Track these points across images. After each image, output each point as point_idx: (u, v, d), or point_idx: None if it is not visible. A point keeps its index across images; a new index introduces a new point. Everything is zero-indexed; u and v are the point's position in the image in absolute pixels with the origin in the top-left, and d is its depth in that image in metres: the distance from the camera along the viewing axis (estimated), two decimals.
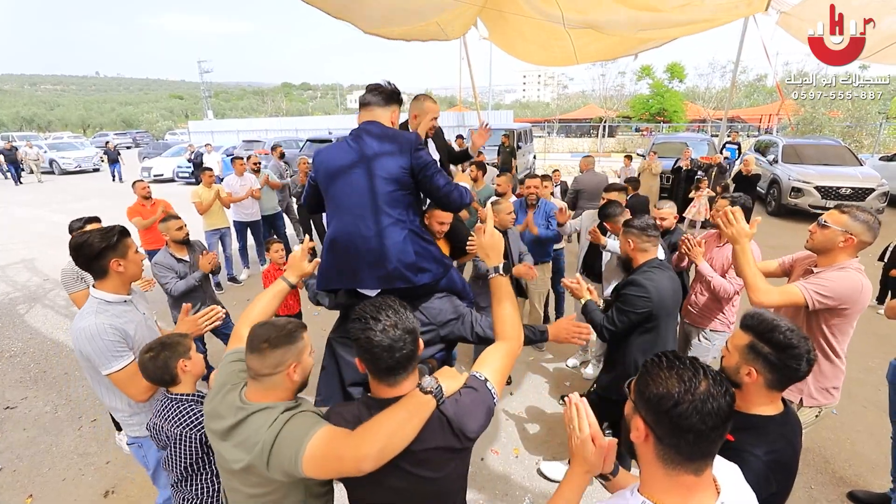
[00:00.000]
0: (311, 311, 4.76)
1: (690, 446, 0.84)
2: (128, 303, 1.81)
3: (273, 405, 1.16)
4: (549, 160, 18.76)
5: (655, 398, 0.86)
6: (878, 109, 16.10)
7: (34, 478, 2.83)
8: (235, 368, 1.29)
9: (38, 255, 7.54)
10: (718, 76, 25.82)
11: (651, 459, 0.88)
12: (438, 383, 1.12)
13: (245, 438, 1.14)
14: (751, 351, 1.27)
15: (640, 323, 2.09)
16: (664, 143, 11.37)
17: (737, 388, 1.33)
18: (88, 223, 2.82)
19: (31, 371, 4.07)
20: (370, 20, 6.13)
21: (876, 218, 1.89)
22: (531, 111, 45.61)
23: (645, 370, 0.92)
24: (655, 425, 0.86)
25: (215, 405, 1.23)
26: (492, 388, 1.18)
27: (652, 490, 0.88)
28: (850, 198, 8.40)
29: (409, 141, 1.75)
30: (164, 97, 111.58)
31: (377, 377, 1.14)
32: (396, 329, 1.08)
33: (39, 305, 5.52)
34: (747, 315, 1.34)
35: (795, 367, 1.23)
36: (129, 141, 38.01)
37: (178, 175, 15.42)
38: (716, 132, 18.25)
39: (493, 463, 2.87)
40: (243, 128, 25.91)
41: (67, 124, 62.15)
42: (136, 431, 1.90)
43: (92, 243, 1.67)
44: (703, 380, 0.85)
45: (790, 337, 1.24)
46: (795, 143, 10.38)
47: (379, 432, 1.03)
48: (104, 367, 1.67)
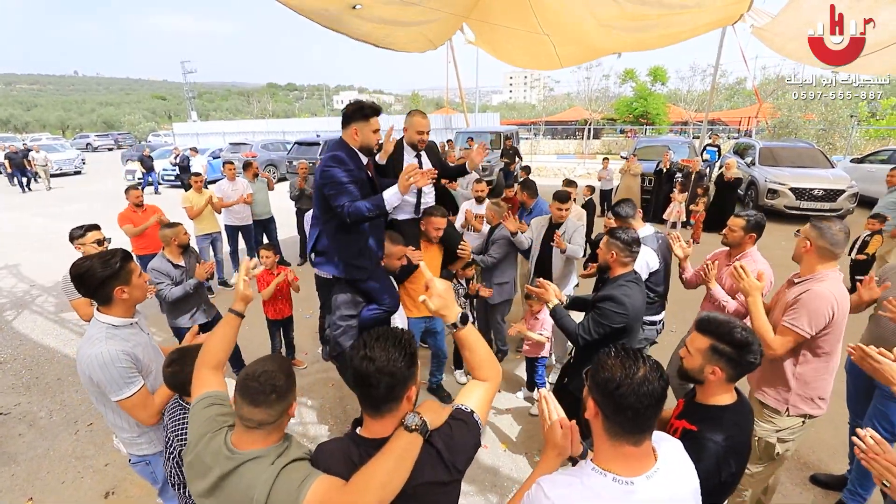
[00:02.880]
0: (301, 315, 4.85)
1: (630, 422, 1.01)
2: (134, 325, 1.79)
3: (265, 452, 1.10)
4: (535, 162, 19.00)
5: (603, 381, 1.03)
6: (849, 113, 16.69)
7: (33, 481, 2.88)
8: (212, 414, 1.21)
9: (21, 260, 7.46)
10: (699, 79, 26.49)
11: (600, 433, 1.06)
12: (422, 418, 1.10)
13: (236, 495, 1.08)
14: (713, 352, 1.42)
15: (614, 335, 2.19)
16: (646, 146, 11.65)
17: (699, 385, 1.50)
18: (89, 231, 2.87)
19: (23, 377, 4.08)
20: (360, 31, 6.25)
21: (835, 226, 2.00)
22: (518, 113, 46.05)
23: (598, 358, 1.10)
24: (603, 404, 1.04)
25: (199, 453, 1.14)
26: (478, 420, 1.21)
27: (601, 459, 1.06)
28: (822, 199, 8.75)
29: (323, 160, 2.31)
30: (147, 98, 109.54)
31: (364, 409, 1.14)
32: (373, 363, 1.07)
33: (28, 311, 5.49)
34: (703, 320, 1.50)
35: (753, 360, 1.40)
36: (111, 143, 37.34)
37: (164, 178, 15.26)
38: (697, 134, 18.75)
39: (482, 457, 3.00)
40: (229, 130, 25.66)
41: (46, 125, 60.73)
42: (145, 450, 1.90)
43: (94, 273, 1.63)
44: (641, 367, 1.02)
45: (746, 336, 1.41)
46: (772, 146, 10.75)
47: (373, 482, 1.01)
48: (115, 395, 1.66)
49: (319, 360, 4.19)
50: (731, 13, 7.32)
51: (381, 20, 6.04)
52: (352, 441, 1.14)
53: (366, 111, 2.35)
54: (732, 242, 2.58)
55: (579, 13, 7.00)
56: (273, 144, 17.57)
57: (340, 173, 2.24)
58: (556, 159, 21.90)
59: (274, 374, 1.13)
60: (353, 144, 2.36)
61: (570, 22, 7.39)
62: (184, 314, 3.34)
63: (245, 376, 1.13)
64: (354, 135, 2.35)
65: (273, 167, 15.87)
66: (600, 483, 1.02)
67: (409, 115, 2.74)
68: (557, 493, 1.02)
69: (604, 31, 7.49)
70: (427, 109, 51.29)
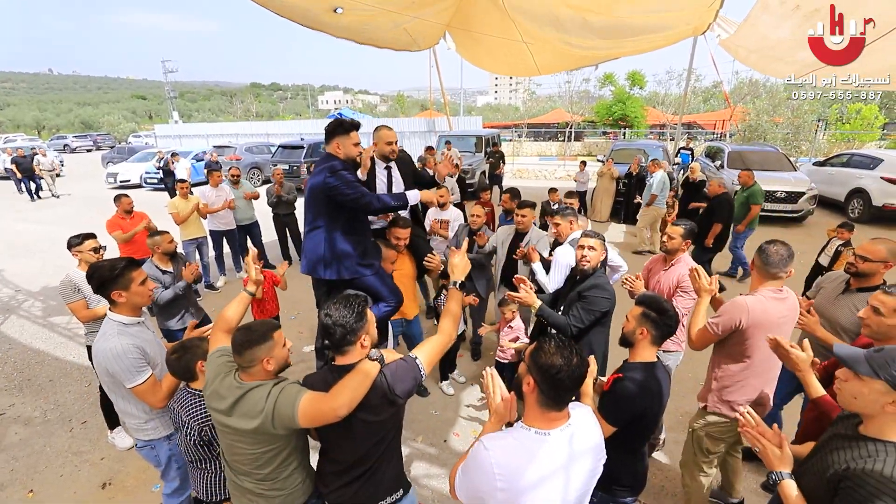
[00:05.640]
0: (287, 315, 5.07)
1: (561, 396, 1.31)
2: (141, 324, 2.09)
3: (264, 383, 1.56)
4: (517, 164, 19.39)
5: (545, 367, 1.29)
6: (816, 117, 17.46)
7: (32, 475, 3.06)
8: (223, 360, 1.64)
9: (3, 266, 7.49)
10: (675, 83, 27.26)
11: (533, 403, 1.34)
12: (381, 354, 1.59)
13: (248, 409, 1.52)
14: (643, 317, 1.84)
15: (601, 319, 2.51)
16: (622, 149, 12.08)
17: (630, 346, 1.90)
18: (86, 239, 3.07)
19: (14, 380, 4.22)
20: (341, 30, 6.46)
21: (777, 248, 2.12)
22: (502, 115, 46.51)
23: (539, 347, 1.35)
24: (541, 383, 1.31)
25: (215, 388, 1.59)
26: (419, 364, 1.62)
27: (530, 421, 1.34)
28: (784, 200, 9.24)
29: (329, 166, 2.54)
30: (126, 97, 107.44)
31: (332, 349, 1.60)
32: (330, 318, 1.53)
33: (14, 316, 5.59)
34: (641, 296, 1.95)
35: (670, 324, 1.82)
36: (90, 144, 36.65)
37: (146, 181, 15.22)
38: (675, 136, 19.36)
39: (454, 444, 3.29)
40: (212, 132, 25.45)
41: (20, 125, 59.18)
42: (150, 434, 2.14)
43: (101, 274, 1.96)
44: (575, 356, 1.30)
45: (667, 306, 1.84)
46: (740, 150, 11.28)
47: (346, 389, 1.46)
48: (128, 382, 1.94)
49: (304, 360, 4.41)
50: (697, 27, 7.75)
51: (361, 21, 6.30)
52: (328, 369, 1.63)
53: (346, 126, 2.65)
54: (671, 248, 2.86)
55: (551, 37, 7.39)
56: (257, 147, 17.57)
57: (348, 175, 2.54)
58: (539, 161, 22.33)
59: (246, 331, 1.59)
60: (337, 156, 2.64)
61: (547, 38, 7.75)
62: (173, 317, 3.53)
63: (234, 334, 1.61)
64: (337, 148, 2.64)
65: (258, 170, 15.92)
66: (525, 435, 1.31)
67: (377, 130, 3.02)
68: (493, 444, 1.29)
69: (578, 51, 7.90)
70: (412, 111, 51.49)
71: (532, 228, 3.61)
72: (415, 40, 8.31)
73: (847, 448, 1.27)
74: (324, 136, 2.73)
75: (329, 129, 2.67)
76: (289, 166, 13.20)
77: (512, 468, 1.24)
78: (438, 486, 2.92)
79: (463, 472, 1.35)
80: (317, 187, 2.57)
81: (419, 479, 2.96)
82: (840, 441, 1.32)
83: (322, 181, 2.52)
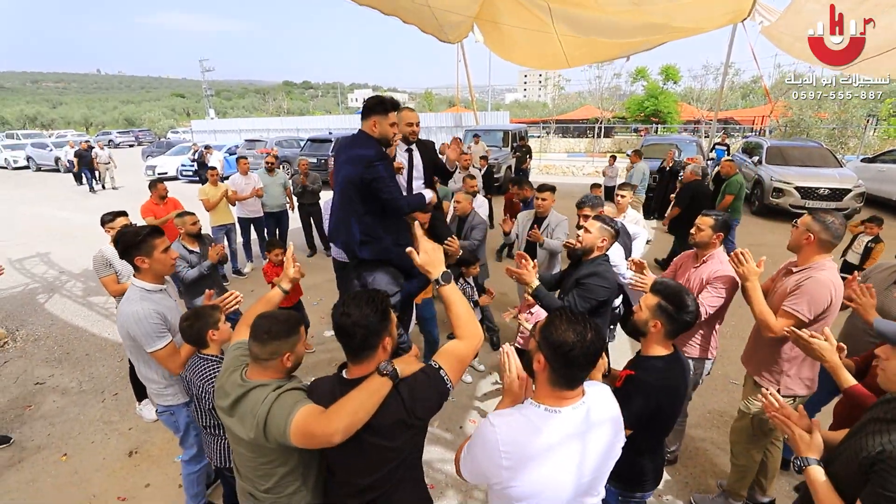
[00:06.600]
0: (310, 302, 5.15)
1: (574, 375, 1.23)
2: (163, 292, 2.13)
3: (267, 382, 1.41)
4: (544, 160, 19.12)
5: (557, 343, 1.20)
6: (866, 112, 16.43)
7: (67, 440, 3.22)
8: (238, 354, 1.54)
9: (50, 249, 7.91)
10: (712, 78, 26.16)
11: (544, 381, 1.26)
12: (393, 367, 1.29)
13: (245, 413, 1.37)
14: (658, 308, 1.67)
15: (598, 308, 2.37)
16: (654, 144, 11.72)
17: (643, 337, 1.74)
18: (117, 217, 3.20)
19: (55, 353, 4.46)
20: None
21: (836, 220, 2.07)
22: (530, 111, 45.96)
23: (550, 322, 1.27)
24: (552, 360, 1.22)
25: (222, 384, 1.49)
26: (445, 376, 1.33)
27: (541, 398, 1.26)
28: (827, 198, 8.74)
29: (364, 157, 2.42)
30: (166, 95, 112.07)
31: (347, 356, 1.37)
32: (349, 317, 1.28)
33: (58, 295, 5.91)
34: (657, 283, 1.76)
35: (688, 320, 1.66)
36: (132, 139, 38.51)
37: (182, 173, 15.80)
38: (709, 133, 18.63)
39: (470, 430, 3.25)
40: (245, 127, 26.21)
41: (70, 122, 62.59)
42: (170, 400, 2.20)
43: (126, 239, 2.00)
44: (589, 332, 1.20)
45: (686, 300, 1.66)
46: (780, 145, 10.72)
47: (344, 411, 1.23)
48: (149, 346, 1.98)
49: (325, 342, 4.47)
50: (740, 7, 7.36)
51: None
52: (337, 381, 1.39)
53: (385, 105, 2.54)
54: (700, 241, 2.54)
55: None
56: (287, 141, 17.96)
57: (383, 169, 2.47)
58: (567, 157, 21.94)
59: (272, 319, 1.46)
60: (371, 135, 2.54)
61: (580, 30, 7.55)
62: (198, 296, 3.63)
63: (255, 320, 1.47)
64: (373, 126, 2.51)
65: (287, 163, 16.27)
66: (533, 412, 1.23)
67: (399, 111, 2.93)
68: (499, 421, 1.23)
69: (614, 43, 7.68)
70: (440, 108, 51.50)
71: (551, 212, 3.56)
72: (442, 27, 8.22)
73: (885, 431, 1.17)
74: (361, 111, 2.62)
75: (368, 105, 2.53)
76: (317, 159, 13.43)
77: (518, 445, 1.18)
78: (453, 471, 2.89)
79: (468, 450, 1.29)
80: (354, 178, 2.48)
81: (433, 463, 2.95)
82: (877, 425, 1.22)
83: (360, 174, 2.44)
